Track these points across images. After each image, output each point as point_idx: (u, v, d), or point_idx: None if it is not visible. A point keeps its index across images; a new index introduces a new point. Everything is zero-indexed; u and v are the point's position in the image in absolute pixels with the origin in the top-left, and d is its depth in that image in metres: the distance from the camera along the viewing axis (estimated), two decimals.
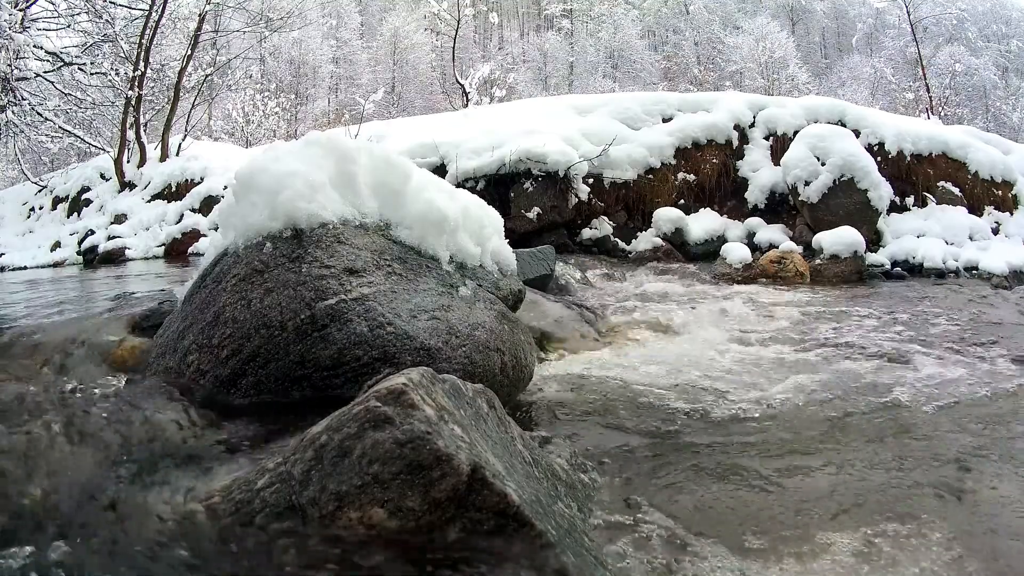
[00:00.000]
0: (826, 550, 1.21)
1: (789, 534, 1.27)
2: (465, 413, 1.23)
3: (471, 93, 14.34)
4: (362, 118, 10.18)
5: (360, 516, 1.02)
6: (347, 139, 2.09)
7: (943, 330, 3.24)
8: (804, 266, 5.10)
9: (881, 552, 1.20)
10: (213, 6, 11.05)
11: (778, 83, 32.70)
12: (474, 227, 2.16)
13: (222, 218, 1.96)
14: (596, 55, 42.60)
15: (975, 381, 2.31)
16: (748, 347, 2.83)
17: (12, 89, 9.62)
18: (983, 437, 1.77)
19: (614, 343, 2.83)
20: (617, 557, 1.18)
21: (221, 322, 1.69)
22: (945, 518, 1.32)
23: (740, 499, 1.41)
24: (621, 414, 1.95)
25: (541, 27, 47.24)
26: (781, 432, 1.81)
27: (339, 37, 37.62)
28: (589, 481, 1.46)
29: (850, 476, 1.52)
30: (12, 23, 8.91)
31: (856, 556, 1.19)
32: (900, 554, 1.19)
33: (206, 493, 1.15)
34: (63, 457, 1.25)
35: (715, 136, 6.80)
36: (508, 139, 6.29)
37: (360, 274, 1.75)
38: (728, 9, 46.08)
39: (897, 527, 1.28)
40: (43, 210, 10.85)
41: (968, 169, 6.87)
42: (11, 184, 15.30)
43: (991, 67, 35.51)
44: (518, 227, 5.75)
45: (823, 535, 1.26)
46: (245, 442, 1.41)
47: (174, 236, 8.02)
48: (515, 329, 2.01)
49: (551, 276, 3.78)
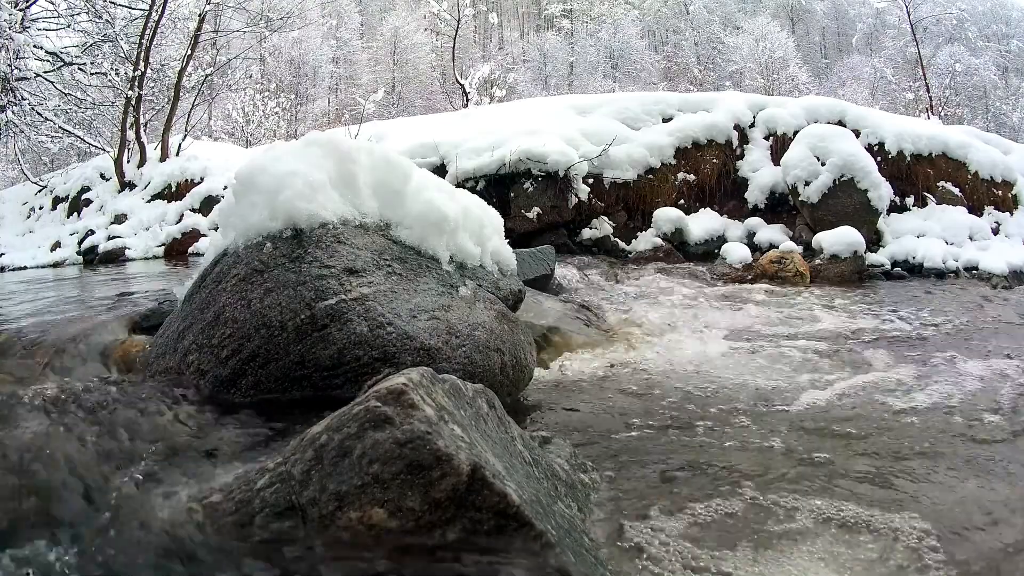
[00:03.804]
0: (836, 547, 1.21)
1: (791, 533, 1.27)
2: (465, 413, 1.23)
3: (471, 93, 14.35)
4: (362, 118, 10.19)
5: (360, 516, 1.02)
6: (347, 139, 2.09)
7: (944, 330, 3.24)
8: (804, 266, 5.10)
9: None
10: (213, 6, 11.05)
11: (778, 83, 32.73)
12: (474, 227, 2.16)
13: (222, 218, 1.96)
14: (596, 55, 42.61)
15: (976, 380, 2.31)
16: (748, 347, 2.83)
17: (12, 89, 9.63)
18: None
19: (614, 343, 2.83)
20: (617, 557, 1.18)
21: (221, 322, 1.69)
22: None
23: (740, 499, 1.41)
24: (621, 414, 1.95)
25: (541, 27, 47.28)
26: (782, 433, 1.81)
27: (339, 37, 37.65)
28: (589, 481, 1.46)
29: (855, 482, 1.52)
30: (12, 23, 8.92)
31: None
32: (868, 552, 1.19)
33: (206, 493, 1.15)
34: (63, 457, 1.25)
35: (715, 136, 6.80)
36: (508, 139, 6.29)
37: (360, 274, 1.75)
38: (728, 9, 46.11)
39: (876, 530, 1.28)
40: (43, 210, 10.85)
41: (968, 169, 6.88)
42: (11, 184, 15.31)
43: (991, 67, 35.53)
44: (518, 227, 5.75)
45: (823, 533, 1.26)
46: (245, 442, 1.41)
47: (174, 236, 8.03)
48: (515, 329, 2.01)
49: (551, 276, 3.78)
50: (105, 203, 9.40)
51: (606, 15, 46.21)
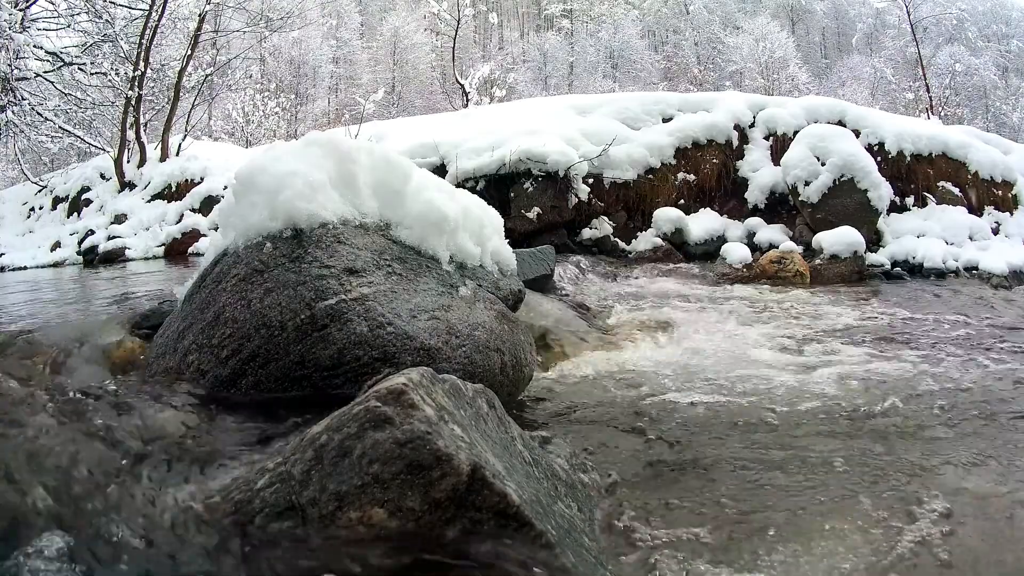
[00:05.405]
0: (841, 544, 1.21)
1: (790, 533, 1.27)
2: (465, 413, 1.23)
3: (471, 93, 14.35)
4: (362, 118, 10.18)
5: (360, 516, 1.02)
6: (347, 139, 2.09)
7: (945, 330, 3.24)
8: (804, 266, 5.09)
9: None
10: (213, 6, 11.04)
11: (778, 83, 32.74)
12: (474, 227, 2.16)
13: (222, 218, 1.96)
14: (596, 55, 42.63)
15: (978, 380, 2.31)
16: (748, 348, 2.83)
17: (12, 89, 9.63)
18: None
19: (614, 343, 2.83)
20: (617, 557, 1.18)
21: (221, 322, 1.69)
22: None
23: (740, 499, 1.41)
24: (621, 414, 1.95)
25: (541, 27, 47.30)
26: (782, 433, 1.81)
27: (339, 37, 37.66)
28: (589, 481, 1.46)
29: (858, 478, 1.52)
30: (12, 23, 8.91)
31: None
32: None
33: (206, 493, 1.15)
34: (63, 457, 1.25)
35: (715, 136, 6.80)
36: (508, 139, 6.29)
37: (360, 274, 1.75)
38: (728, 9, 46.12)
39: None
40: (43, 210, 10.84)
41: (968, 169, 6.87)
42: (11, 184, 15.30)
43: (991, 67, 35.54)
44: (518, 227, 5.75)
45: (822, 534, 1.26)
46: (245, 442, 1.41)
47: (174, 236, 8.03)
48: (515, 329, 2.01)
49: (551, 276, 3.78)
50: (105, 203, 9.40)
51: (606, 15, 46.22)
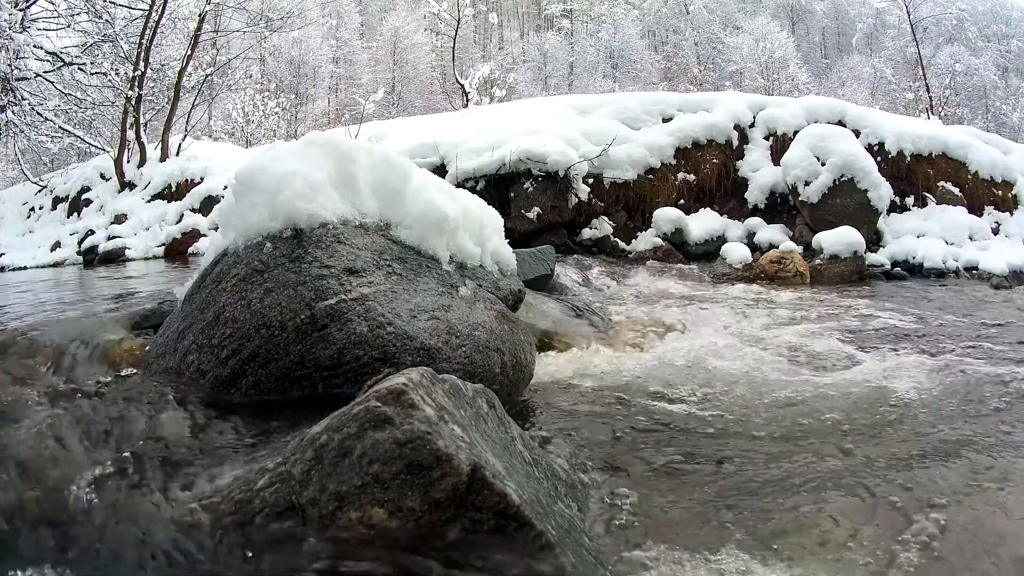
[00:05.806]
0: (838, 545, 1.21)
1: (791, 533, 1.27)
2: (465, 413, 1.23)
3: (471, 93, 14.35)
4: (362, 118, 10.18)
5: (360, 516, 1.02)
6: (347, 139, 2.09)
7: (945, 329, 3.24)
8: (804, 266, 5.10)
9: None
10: (213, 6, 11.04)
11: (778, 83, 32.74)
12: (474, 227, 2.16)
13: (222, 218, 1.96)
14: (596, 55, 42.62)
15: (978, 379, 2.31)
16: (748, 348, 2.83)
17: (12, 89, 9.62)
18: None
19: (614, 343, 2.83)
20: (617, 557, 1.18)
21: (221, 322, 1.69)
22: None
23: (742, 499, 1.41)
24: (621, 414, 1.95)
25: (541, 27, 47.30)
26: (784, 433, 1.81)
27: (339, 37, 37.66)
28: (589, 481, 1.46)
29: (862, 478, 1.52)
30: (12, 23, 8.91)
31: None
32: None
33: (206, 493, 1.15)
34: (63, 457, 1.25)
35: (715, 136, 6.80)
36: (508, 139, 6.29)
37: (360, 274, 1.75)
38: (728, 9, 46.13)
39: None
40: (43, 210, 10.84)
41: (968, 169, 6.88)
42: (11, 184, 15.30)
43: (991, 67, 35.55)
44: (518, 227, 5.75)
45: (827, 533, 1.26)
46: (245, 442, 1.41)
47: (174, 236, 8.03)
48: (515, 329, 2.01)
49: (551, 276, 3.78)
50: (105, 203, 9.40)
51: (606, 15, 46.22)
